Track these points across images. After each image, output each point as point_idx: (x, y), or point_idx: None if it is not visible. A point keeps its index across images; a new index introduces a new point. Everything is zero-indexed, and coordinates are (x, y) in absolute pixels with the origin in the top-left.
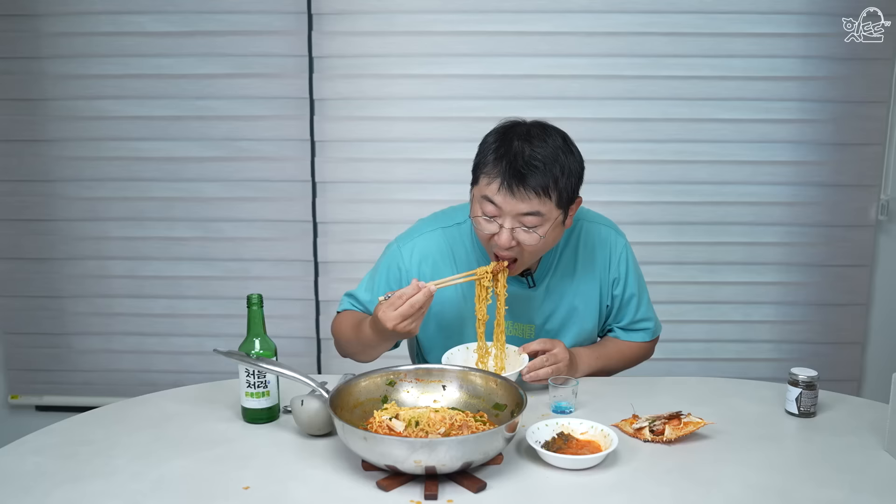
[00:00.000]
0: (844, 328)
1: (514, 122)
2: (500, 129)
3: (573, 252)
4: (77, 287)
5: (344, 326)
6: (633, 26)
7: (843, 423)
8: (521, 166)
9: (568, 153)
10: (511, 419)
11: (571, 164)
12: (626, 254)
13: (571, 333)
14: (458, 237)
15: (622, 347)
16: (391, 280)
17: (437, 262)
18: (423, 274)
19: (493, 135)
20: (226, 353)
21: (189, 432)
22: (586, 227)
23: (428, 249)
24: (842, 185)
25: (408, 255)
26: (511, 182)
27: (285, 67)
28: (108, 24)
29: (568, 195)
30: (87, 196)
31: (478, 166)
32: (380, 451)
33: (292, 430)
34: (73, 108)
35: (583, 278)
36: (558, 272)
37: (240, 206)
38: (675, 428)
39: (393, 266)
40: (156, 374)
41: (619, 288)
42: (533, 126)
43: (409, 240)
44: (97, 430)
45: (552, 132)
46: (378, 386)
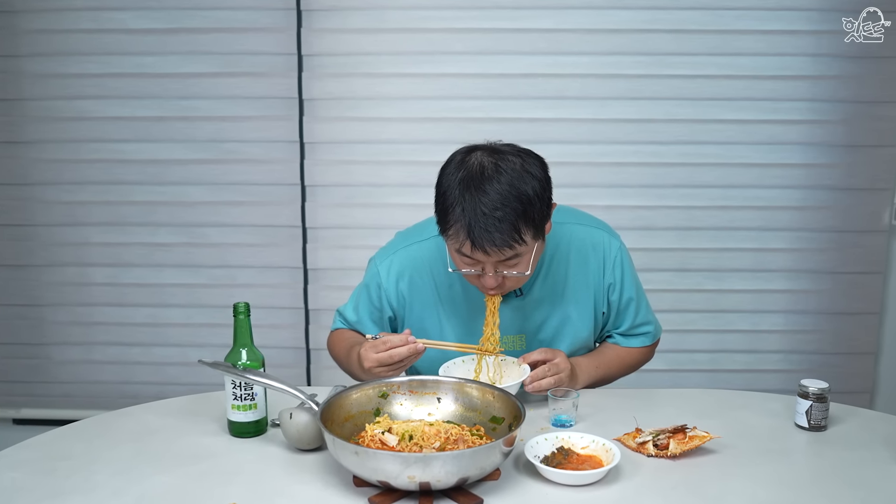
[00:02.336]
0: (856, 338)
1: (466, 154)
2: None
3: (564, 258)
4: (56, 295)
5: (338, 348)
6: (636, 23)
7: (856, 436)
8: (485, 225)
9: (527, 175)
10: (509, 433)
11: (534, 188)
12: (620, 257)
13: (565, 343)
14: (435, 251)
15: (622, 354)
16: (373, 298)
17: (415, 279)
18: (400, 292)
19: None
20: (211, 364)
21: (173, 447)
22: (577, 232)
23: (404, 266)
24: (854, 188)
25: (385, 272)
26: (482, 244)
27: (273, 66)
28: (89, 20)
29: (541, 220)
30: (66, 200)
31: (441, 220)
32: (372, 467)
33: (280, 445)
34: (52, 109)
35: (575, 285)
36: (549, 279)
37: (226, 211)
38: (679, 442)
39: (373, 284)
40: (138, 385)
41: (616, 294)
42: (486, 157)
43: (386, 256)
44: (77, 444)
45: (505, 159)
46: (370, 398)
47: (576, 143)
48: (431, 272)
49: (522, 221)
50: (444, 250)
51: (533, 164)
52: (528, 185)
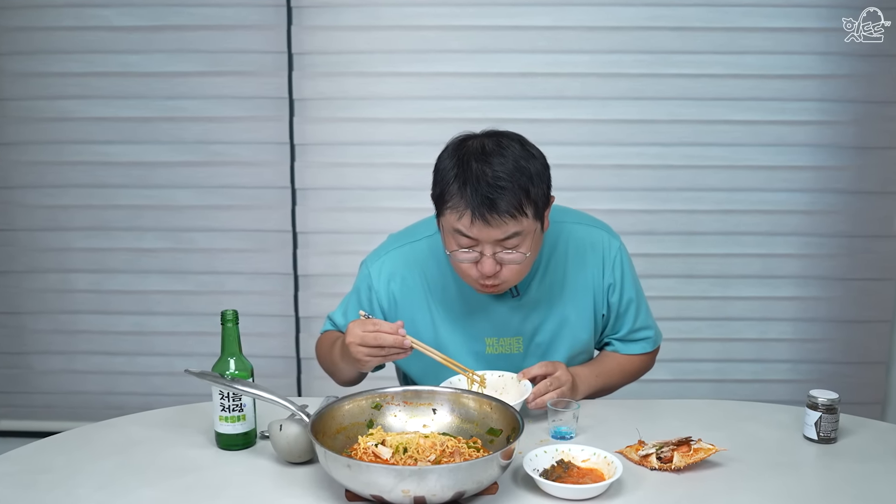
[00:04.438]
0: (868, 347)
1: (464, 139)
2: (452, 150)
3: (562, 257)
4: (37, 302)
5: (324, 345)
6: (639, 20)
7: (867, 449)
8: (487, 192)
9: (530, 158)
10: (507, 445)
11: (536, 168)
12: (620, 257)
13: (564, 346)
14: (428, 251)
15: (622, 362)
16: (363, 300)
17: (407, 279)
18: (391, 293)
19: (447, 159)
20: (198, 374)
21: (158, 460)
22: (576, 231)
23: (396, 268)
24: (865, 191)
25: (376, 273)
26: (482, 211)
27: (263, 65)
28: (71, 18)
29: (542, 202)
30: (48, 204)
31: (440, 197)
32: (365, 480)
33: (270, 458)
34: (33, 109)
35: (574, 286)
36: (546, 279)
37: (214, 215)
38: (684, 455)
39: (364, 286)
40: (122, 396)
41: (616, 295)
42: (486, 139)
43: (378, 258)
44: (58, 457)
45: (507, 141)
46: (363, 409)
47: (576, 145)
48: (424, 273)
49: (525, 196)
50: (438, 250)
51: (533, 148)
52: (530, 164)
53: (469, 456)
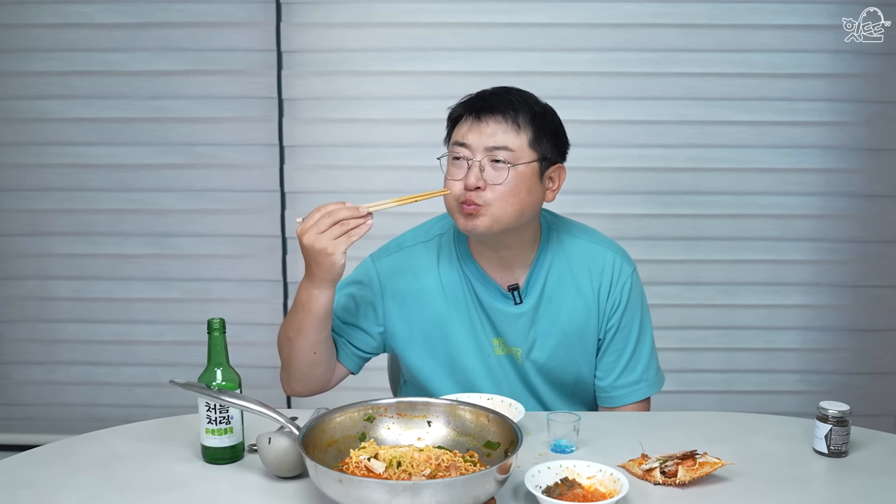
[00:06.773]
0: (880, 357)
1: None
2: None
3: (569, 272)
4: (16, 310)
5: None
6: (642, 17)
7: (879, 463)
8: (489, 96)
9: (543, 105)
10: (505, 459)
11: (547, 111)
12: (630, 282)
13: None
14: (439, 250)
15: None
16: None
17: (419, 277)
18: (398, 290)
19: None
20: (183, 385)
21: (142, 474)
22: (589, 248)
23: (408, 265)
24: (877, 195)
25: (384, 269)
26: (480, 112)
27: (251, 63)
28: (52, 14)
29: (546, 141)
30: (27, 208)
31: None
32: (357, 496)
33: (258, 472)
34: (12, 109)
35: (577, 305)
36: (546, 292)
37: (200, 220)
38: (689, 469)
39: (362, 274)
40: (105, 408)
41: (616, 317)
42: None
43: (387, 254)
44: (38, 471)
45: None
46: (355, 422)
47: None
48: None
49: (526, 112)
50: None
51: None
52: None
53: (465, 470)
